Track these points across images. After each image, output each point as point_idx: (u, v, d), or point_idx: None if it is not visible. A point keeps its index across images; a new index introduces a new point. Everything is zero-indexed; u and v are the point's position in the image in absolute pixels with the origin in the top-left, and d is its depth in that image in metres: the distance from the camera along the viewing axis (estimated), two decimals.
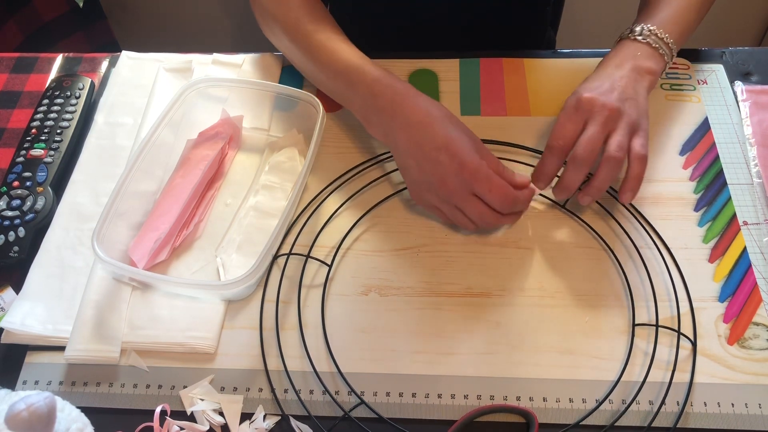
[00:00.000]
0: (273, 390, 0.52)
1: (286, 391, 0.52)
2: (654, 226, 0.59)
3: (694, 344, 0.52)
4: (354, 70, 0.59)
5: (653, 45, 0.60)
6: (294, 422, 0.50)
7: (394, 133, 0.56)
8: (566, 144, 0.55)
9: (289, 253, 0.59)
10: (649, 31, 0.60)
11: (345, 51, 0.61)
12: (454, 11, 0.81)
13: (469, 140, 0.55)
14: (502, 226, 0.59)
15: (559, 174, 0.57)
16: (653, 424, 0.49)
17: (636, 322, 0.53)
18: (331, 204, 0.62)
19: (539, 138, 0.65)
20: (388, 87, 0.57)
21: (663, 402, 0.50)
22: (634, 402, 0.50)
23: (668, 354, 0.52)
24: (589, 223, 0.59)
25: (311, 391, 0.52)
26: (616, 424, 0.49)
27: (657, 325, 0.53)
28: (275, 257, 0.59)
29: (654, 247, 0.58)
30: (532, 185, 0.57)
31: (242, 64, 0.72)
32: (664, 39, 0.60)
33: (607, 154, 0.54)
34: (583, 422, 0.49)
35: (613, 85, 0.57)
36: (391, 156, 0.64)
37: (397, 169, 0.63)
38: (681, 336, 0.52)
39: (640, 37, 0.60)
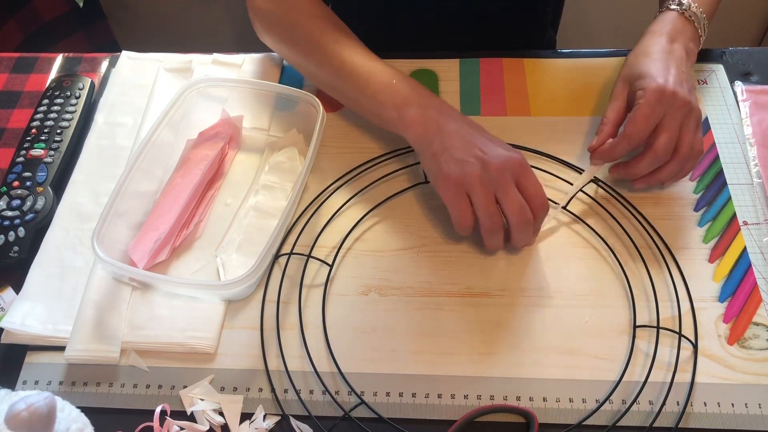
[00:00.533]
0: (273, 390, 0.52)
1: (286, 391, 0.52)
2: (654, 225, 0.59)
3: (695, 346, 0.52)
4: (388, 73, 0.60)
5: (696, 25, 0.62)
6: (294, 422, 0.50)
7: (439, 120, 0.56)
8: (646, 135, 0.56)
9: (290, 253, 0.59)
10: (696, 8, 0.62)
11: (368, 59, 0.61)
12: (454, 12, 0.81)
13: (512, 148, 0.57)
14: (527, 236, 0.55)
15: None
16: (653, 425, 0.49)
17: (637, 324, 0.53)
18: (332, 204, 0.62)
19: (539, 138, 0.65)
20: (432, 94, 0.59)
21: (663, 403, 0.50)
22: (634, 402, 0.50)
23: (669, 355, 0.52)
24: (590, 223, 0.59)
25: (311, 391, 0.52)
26: (616, 424, 0.49)
27: (658, 327, 0.53)
28: (276, 257, 0.58)
29: (654, 247, 0.58)
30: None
31: (242, 64, 0.72)
32: (703, 21, 0.62)
33: (682, 153, 0.57)
34: (584, 422, 0.49)
35: (679, 72, 0.58)
36: (392, 157, 0.64)
37: (398, 170, 0.63)
38: (682, 338, 0.52)
39: (686, 14, 0.62)
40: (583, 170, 0.61)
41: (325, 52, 0.62)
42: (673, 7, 0.63)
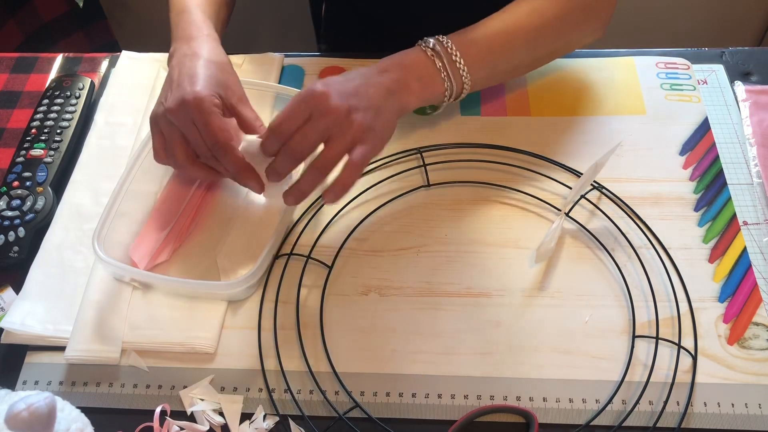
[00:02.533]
0: (269, 390, 0.52)
1: (286, 391, 0.52)
2: (654, 226, 0.59)
3: (694, 358, 0.52)
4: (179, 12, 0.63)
5: (437, 65, 0.56)
6: (293, 423, 0.50)
7: (171, 55, 0.59)
8: (286, 132, 0.52)
9: (290, 254, 0.59)
10: (443, 46, 0.57)
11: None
12: (453, 11, 0.81)
13: (211, 75, 0.55)
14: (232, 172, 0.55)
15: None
16: (656, 425, 0.49)
17: (636, 333, 0.53)
18: (333, 205, 0.61)
19: (539, 138, 0.65)
20: (187, 39, 0.60)
21: (665, 404, 0.50)
22: (637, 403, 0.50)
23: (669, 361, 0.52)
24: (588, 224, 0.59)
25: (311, 392, 0.52)
26: (619, 425, 0.49)
27: (657, 338, 0.53)
28: (276, 257, 0.58)
29: (651, 247, 0.58)
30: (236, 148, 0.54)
31: (242, 64, 0.72)
32: (454, 60, 0.56)
33: (348, 164, 0.51)
34: (581, 423, 0.49)
35: (358, 89, 0.53)
36: (393, 160, 0.64)
37: (399, 173, 0.63)
38: (681, 349, 0.52)
39: (428, 52, 0.57)
40: (581, 173, 0.61)
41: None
42: (421, 45, 0.58)
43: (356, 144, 0.51)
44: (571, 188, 0.61)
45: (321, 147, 0.52)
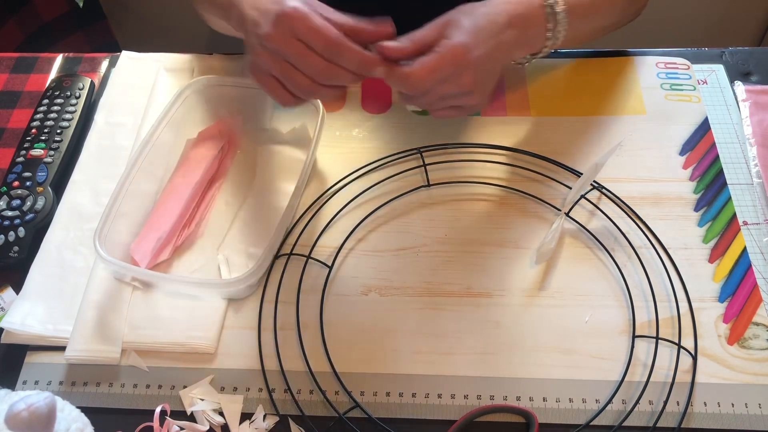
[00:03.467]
0: (269, 390, 0.52)
1: (285, 391, 0.52)
2: (654, 226, 0.59)
3: (694, 358, 0.52)
4: None
5: (548, 26, 0.57)
6: (293, 423, 0.50)
7: (245, 11, 0.53)
8: (422, 86, 0.52)
9: (290, 254, 0.59)
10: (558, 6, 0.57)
11: None
12: (449, 9, 0.81)
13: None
14: (339, 88, 0.54)
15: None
16: (656, 425, 0.49)
17: (636, 333, 0.53)
18: (333, 205, 0.62)
19: (539, 138, 0.65)
20: None
21: (665, 404, 0.50)
22: (637, 403, 0.50)
23: (669, 361, 0.52)
24: (588, 224, 0.59)
25: (311, 392, 0.52)
26: (619, 425, 0.49)
27: (657, 338, 0.53)
28: (276, 257, 0.58)
29: (651, 247, 0.58)
30: (369, 54, 0.52)
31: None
32: (561, 19, 0.57)
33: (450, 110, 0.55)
34: (581, 423, 0.49)
35: (493, 52, 0.54)
36: (394, 160, 0.64)
37: (399, 173, 0.63)
38: (681, 349, 0.52)
39: (549, 9, 0.57)
40: (581, 173, 0.61)
41: None
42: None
43: (466, 96, 0.54)
44: (571, 188, 0.61)
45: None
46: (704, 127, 0.65)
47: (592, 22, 0.63)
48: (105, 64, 0.75)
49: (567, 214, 0.59)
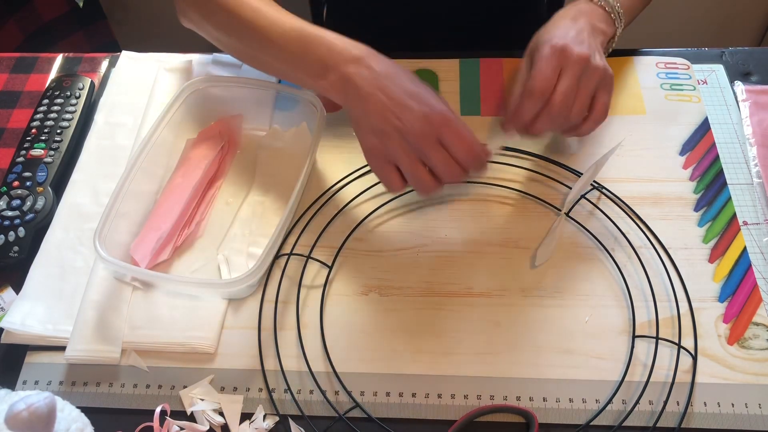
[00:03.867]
0: (269, 390, 0.52)
1: (285, 391, 0.52)
2: (654, 226, 0.59)
3: (694, 358, 0.52)
4: (307, 31, 0.56)
5: (606, 9, 0.61)
6: (293, 423, 0.50)
7: (358, 84, 0.53)
8: (547, 89, 0.55)
9: (290, 254, 0.59)
10: None
11: (288, 17, 0.58)
12: (455, 13, 0.81)
13: (434, 93, 0.54)
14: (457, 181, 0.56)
15: None
16: (656, 425, 0.49)
17: (636, 333, 0.53)
18: (333, 205, 0.62)
19: (539, 138, 0.65)
20: (352, 46, 0.55)
21: (665, 404, 0.50)
22: (637, 403, 0.50)
23: (669, 361, 0.52)
24: (588, 224, 0.59)
25: (311, 392, 0.52)
26: (619, 425, 0.49)
27: (657, 338, 0.53)
28: (276, 257, 0.58)
29: (651, 247, 0.58)
30: (488, 148, 0.55)
31: (242, 64, 0.72)
32: (615, 7, 0.61)
33: (575, 109, 0.56)
34: (581, 423, 0.49)
35: (580, 35, 0.57)
36: None
37: None
38: (681, 349, 0.52)
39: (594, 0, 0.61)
40: (581, 173, 0.61)
41: (242, 20, 0.58)
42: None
43: (599, 88, 0.56)
44: (568, 185, 0.61)
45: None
46: (704, 127, 0.65)
47: None
48: (105, 64, 0.75)
49: (567, 215, 0.59)
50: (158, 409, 0.51)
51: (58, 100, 0.69)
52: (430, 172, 0.53)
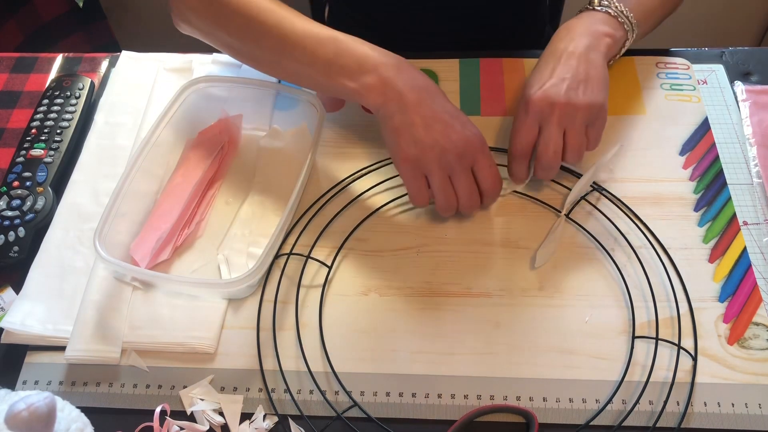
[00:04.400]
0: (268, 390, 0.52)
1: (285, 391, 0.52)
2: (654, 226, 0.59)
3: (694, 359, 0.52)
4: (341, 39, 0.55)
5: (612, 13, 0.61)
6: (293, 423, 0.50)
7: (400, 89, 0.53)
8: (526, 150, 0.57)
9: (290, 253, 0.59)
10: (609, 1, 0.61)
11: (318, 26, 0.57)
12: (457, 13, 0.81)
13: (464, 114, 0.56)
14: (471, 214, 0.59)
15: None
16: (656, 425, 0.49)
17: (636, 333, 0.53)
18: (333, 205, 0.62)
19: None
20: (388, 53, 0.55)
21: (664, 403, 0.50)
22: (637, 403, 0.50)
23: (668, 361, 0.52)
24: (588, 224, 0.59)
25: (311, 392, 0.52)
26: (618, 425, 0.49)
27: (657, 338, 0.53)
28: (276, 257, 0.58)
29: (650, 247, 0.58)
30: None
31: (242, 65, 0.72)
32: (624, 11, 0.61)
33: (567, 156, 0.57)
34: (581, 423, 0.49)
35: (562, 71, 0.57)
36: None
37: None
38: (681, 350, 0.52)
39: (599, 7, 0.61)
40: (581, 174, 0.61)
41: (263, 25, 0.57)
42: (583, 8, 0.63)
43: (590, 125, 0.57)
44: (568, 187, 0.61)
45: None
46: (704, 127, 0.65)
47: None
48: (105, 64, 0.75)
49: (567, 216, 0.59)
50: (158, 409, 0.51)
51: (58, 100, 0.69)
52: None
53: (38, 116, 0.67)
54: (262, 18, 0.57)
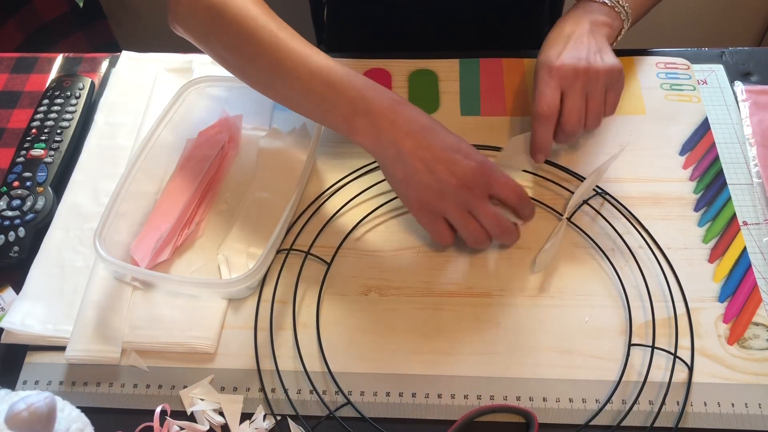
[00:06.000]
0: (264, 390, 0.52)
1: (284, 391, 0.52)
2: (654, 226, 0.59)
3: (690, 369, 0.51)
4: (336, 73, 0.53)
5: (609, 4, 0.62)
6: (293, 423, 0.50)
7: (394, 136, 0.52)
8: (553, 110, 0.58)
9: (290, 249, 0.59)
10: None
11: (315, 54, 0.54)
12: (457, 10, 0.81)
13: (472, 146, 0.54)
14: (511, 240, 0.56)
15: None
16: (653, 425, 0.49)
17: (634, 335, 0.53)
18: (333, 205, 0.62)
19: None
20: (383, 93, 0.53)
21: (663, 403, 0.50)
22: (635, 403, 0.50)
23: (664, 369, 0.52)
24: (588, 225, 0.59)
25: (310, 392, 0.52)
26: (617, 425, 0.49)
27: (653, 347, 0.52)
28: (275, 254, 0.58)
29: (648, 248, 0.58)
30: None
31: None
32: (619, 1, 0.63)
33: (589, 120, 0.59)
34: (581, 423, 0.49)
35: (577, 43, 0.59)
36: None
37: None
38: (677, 359, 0.52)
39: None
40: (584, 178, 0.61)
41: (259, 45, 0.54)
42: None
43: (610, 88, 0.58)
44: (570, 190, 0.61)
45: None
46: (704, 127, 0.65)
47: None
48: (105, 64, 0.75)
49: (569, 220, 0.59)
50: (158, 409, 0.51)
51: (58, 100, 0.69)
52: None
53: (38, 116, 0.68)
54: (258, 36, 0.54)
